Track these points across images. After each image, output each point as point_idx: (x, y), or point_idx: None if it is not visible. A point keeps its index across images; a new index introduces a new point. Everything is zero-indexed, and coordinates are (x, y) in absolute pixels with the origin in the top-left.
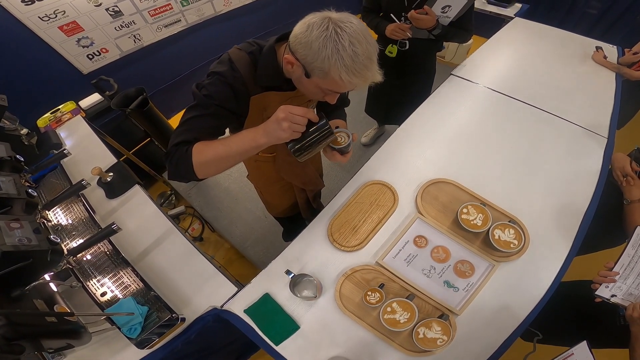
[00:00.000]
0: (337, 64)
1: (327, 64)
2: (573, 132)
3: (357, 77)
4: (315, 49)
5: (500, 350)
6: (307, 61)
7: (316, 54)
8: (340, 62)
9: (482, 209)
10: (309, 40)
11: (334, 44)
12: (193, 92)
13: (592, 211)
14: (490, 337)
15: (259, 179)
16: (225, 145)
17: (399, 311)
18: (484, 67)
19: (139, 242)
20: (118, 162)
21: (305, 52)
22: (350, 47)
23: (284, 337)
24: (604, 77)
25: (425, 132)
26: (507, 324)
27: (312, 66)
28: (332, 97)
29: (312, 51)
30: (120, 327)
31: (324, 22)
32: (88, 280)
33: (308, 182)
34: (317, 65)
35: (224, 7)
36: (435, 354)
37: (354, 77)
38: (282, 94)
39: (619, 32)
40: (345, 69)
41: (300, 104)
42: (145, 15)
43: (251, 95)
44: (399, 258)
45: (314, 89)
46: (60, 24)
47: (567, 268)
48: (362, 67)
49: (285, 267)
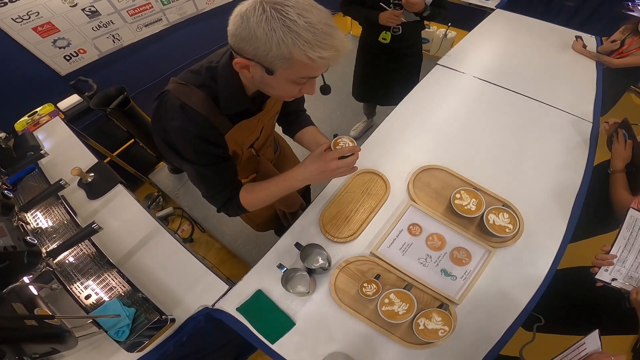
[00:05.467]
0: (296, 43)
1: (285, 48)
2: (560, 118)
3: (325, 49)
4: (263, 37)
5: (503, 339)
6: (260, 56)
7: (266, 42)
8: (299, 39)
9: (475, 193)
10: (250, 31)
11: (282, 23)
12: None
13: (583, 192)
14: (492, 326)
15: None
16: (268, 194)
17: (397, 302)
18: (468, 56)
19: (124, 243)
20: (99, 162)
21: (254, 46)
22: (301, 19)
23: (279, 335)
24: (585, 66)
25: (414, 121)
26: (509, 311)
27: (269, 59)
28: (309, 86)
29: (260, 42)
30: (107, 330)
31: (257, 6)
32: (71, 283)
33: (291, 205)
34: (274, 55)
35: (206, 5)
36: (437, 346)
37: (321, 50)
38: (251, 119)
39: (598, 22)
40: (308, 45)
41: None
42: (123, 15)
43: (224, 135)
44: (393, 247)
45: (284, 86)
46: (34, 25)
47: (564, 251)
48: (325, 35)
49: (277, 262)
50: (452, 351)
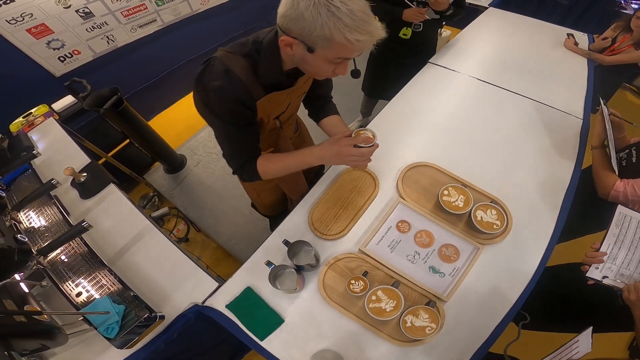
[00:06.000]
0: (337, 27)
1: (328, 30)
2: (550, 115)
3: (362, 33)
4: (309, 19)
5: (492, 337)
6: (305, 35)
7: (312, 24)
8: (340, 23)
9: (463, 190)
10: (299, 13)
11: (327, 8)
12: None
13: (573, 188)
14: (481, 324)
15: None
16: (284, 165)
17: (384, 299)
18: (459, 55)
19: (115, 241)
20: (92, 162)
21: (301, 27)
22: (343, 6)
23: (268, 332)
24: (577, 63)
25: (404, 119)
26: (498, 308)
27: (312, 38)
28: (342, 67)
29: (306, 23)
30: (97, 327)
31: None
32: (63, 282)
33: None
34: (317, 35)
35: (201, 6)
36: (425, 343)
37: (358, 34)
38: (282, 92)
39: (591, 20)
40: (347, 29)
41: (295, 97)
42: (117, 16)
43: (256, 101)
44: (382, 244)
45: (321, 64)
46: (28, 26)
47: (554, 247)
48: (363, 22)
49: (267, 260)
50: (441, 348)
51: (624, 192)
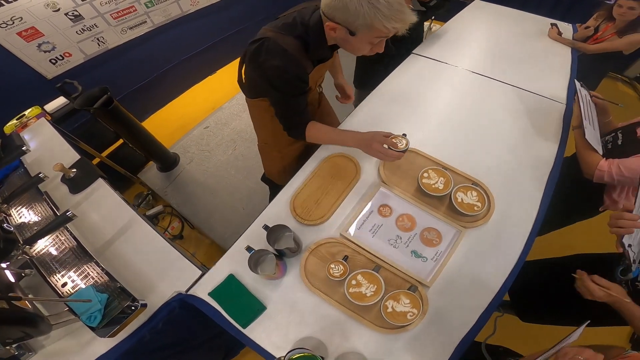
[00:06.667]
0: (377, 16)
1: (369, 19)
2: (533, 101)
3: (398, 22)
4: (353, 10)
5: (478, 323)
6: (348, 22)
7: (355, 13)
8: (380, 14)
9: (443, 172)
10: (343, 4)
11: (368, 1)
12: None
13: (557, 170)
14: (467, 311)
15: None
16: (327, 137)
17: (364, 284)
18: (443, 45)
19: (102, 233)
20: (81, 158)
21: (345, 15)
22: None
23: (250, 319)
24: (560, 53)
25: (386, 107)
26: (483, 294)
27: (355, 25)
28: (379, 46)
29: (350, 13)
30: (80, 315)
31: None
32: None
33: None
34: (360, 23)
35: (191, 7)
36: (408, 331)
37: (395, 22)
38: (325, 64)
39: (578, 12)
40: (386, 19)
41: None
42: (107, 18)
43: (309, 74)
44: (363, 229)
45: (361, 45)
46: (18, 30)
47: (536, 232)
48: (398, 12)
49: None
50: (426, 336)
51: (609, 171)
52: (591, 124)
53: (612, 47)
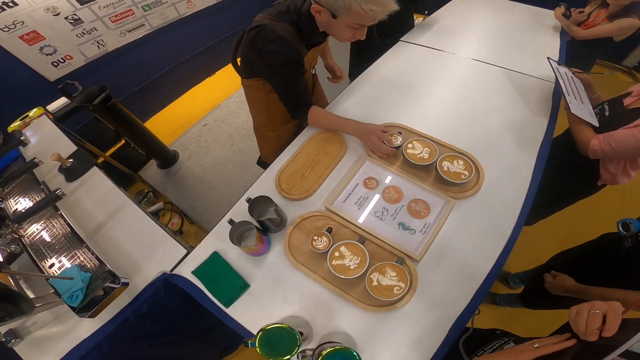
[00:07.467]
0: None
1: (348, 1)
2: (522, 80)
3: (374, 4)
4: None
5: (473, 302)
6: (330, 4)
7: None
8: None
9: (427, 142)
10: None
11: None
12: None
13: (547, 143)
14: (461, 288)
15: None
16: (329, 122)
17: (348, 256)
18: (431, 32)
19: (94, 217)
20: (78, 149)
21: None
22: None
23: (233, 298)
24: (549, 37)
25: (374, 88)
26: (476, 270)
27: (335, 7)
28: (361, 32)
29: None
30: (62, 294)
31: None
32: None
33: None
34: (339, 5)
35: (187, 10)
36: (398, 308)
37: (372, 5)
38: (317, 48)
39: None
40: (363, 1)
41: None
42: (106, 22)
43: (304, 57)
44: (349, 202)
45: (343, 29)
46: (20, 33)
47: (531, 203)
48: None
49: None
50: (417, 315)
51: (602, 149)
52: (578, 99)
53: (602, 32)
